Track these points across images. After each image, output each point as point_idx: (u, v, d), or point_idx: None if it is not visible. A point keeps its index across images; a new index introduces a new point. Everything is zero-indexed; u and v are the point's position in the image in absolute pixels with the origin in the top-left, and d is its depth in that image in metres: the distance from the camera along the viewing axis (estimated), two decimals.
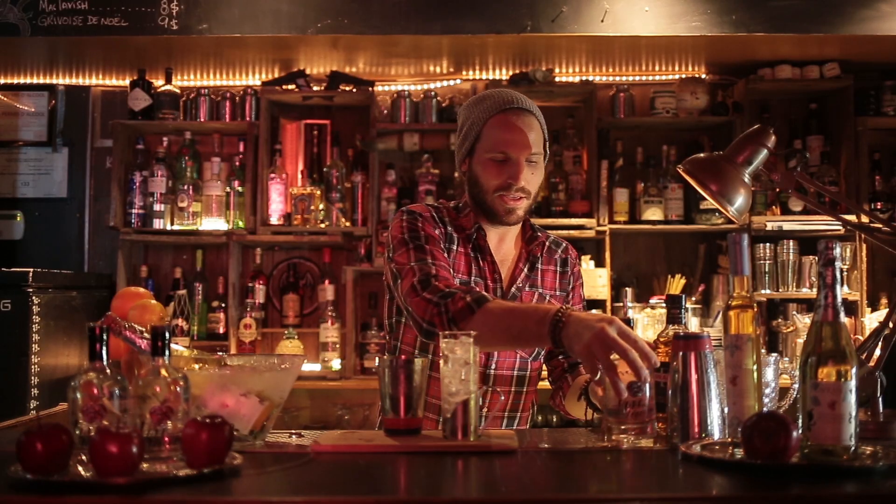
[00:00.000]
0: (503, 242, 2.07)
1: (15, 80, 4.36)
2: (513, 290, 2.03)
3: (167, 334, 1.44)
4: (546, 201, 4.12)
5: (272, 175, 4.09)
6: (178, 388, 1.40)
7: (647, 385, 1.60)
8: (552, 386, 2.13)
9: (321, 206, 4.07)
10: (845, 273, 3.97)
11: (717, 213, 3.93)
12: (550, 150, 4.08)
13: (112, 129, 4.16)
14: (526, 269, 2.05)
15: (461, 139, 2.03)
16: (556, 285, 2.10)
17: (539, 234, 2.12)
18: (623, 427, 1.60)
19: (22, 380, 3.44)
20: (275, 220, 4.08)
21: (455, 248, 1.99)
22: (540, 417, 3.92)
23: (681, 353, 1.56)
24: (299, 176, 4.24)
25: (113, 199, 4.10)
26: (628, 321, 1.67)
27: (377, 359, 1.74)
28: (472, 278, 1.99)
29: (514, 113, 1.96)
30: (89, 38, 3.74)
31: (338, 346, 4.00)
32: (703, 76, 4.24)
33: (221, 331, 4.09)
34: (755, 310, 1.56)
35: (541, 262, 2.08)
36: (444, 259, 1.92)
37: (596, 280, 3.95)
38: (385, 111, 4.22)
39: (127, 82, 4.22)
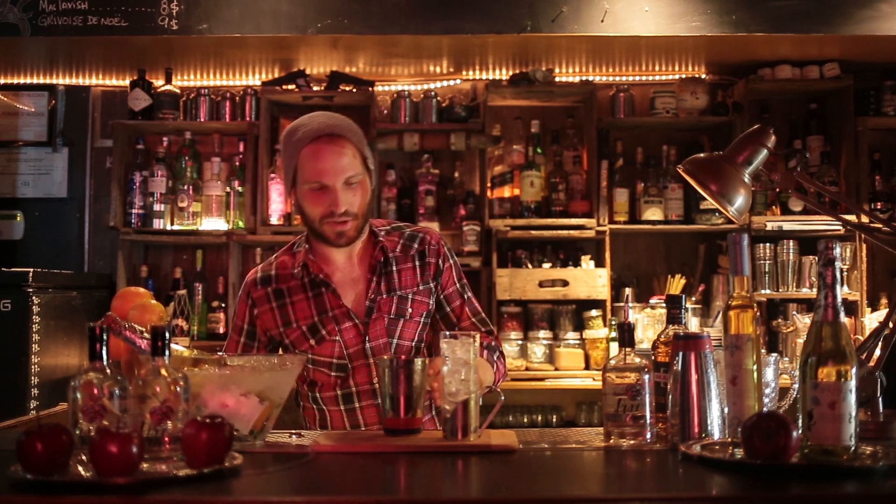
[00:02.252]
0: (351, 259, 2.08)
1: (15, 80, 4.36)
2: (367, 302, 2.04)
3: (167, 334, 1.44)
4: (546, 201, 4.12)
5: (272, 175, 4.09)
6: (178, 388, 1.41)
7: (647, 391, 1.60)
8: None
9: None
10: (845, 273, 3.97)
11: (717, 213, 3.93)
12: (550, 149, 4.15)
13: (112, 129, 4.15)
14: (375, 278, 2.05)
15: (284, 172, 2.09)
16: (418, 280, 2.08)
17: (387, 236, 2.11)
18: (621, 432, 1.60)
19: (22, 380, 3.44)
20: (275, 220, 4.08)
21: (291, 300, 2.05)
22: (540, 417, 3.93)
23: (681, 353, 1.56)
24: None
25: (113, 199, 4.10)
26: (629, 322, 1.67)
27: (378, 360, 1.74)
28: (316, 319, 2.03)
29: (323, 141, 1.96)
30: (89, 38, 3.74)
31: None
32: (703, 76, 4.24)
33: (221, 331, 4.09)
34: (755, 310, 1.56)
35: (395, 262, 2.08)
36: (231, 350, 2.10)
37: (596, 280, 3.96)
38: (385, 111, 4.22)
39: (127, 82, 4.22)
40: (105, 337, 1.44)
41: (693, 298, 4.03)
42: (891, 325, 1.85)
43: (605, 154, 4.16)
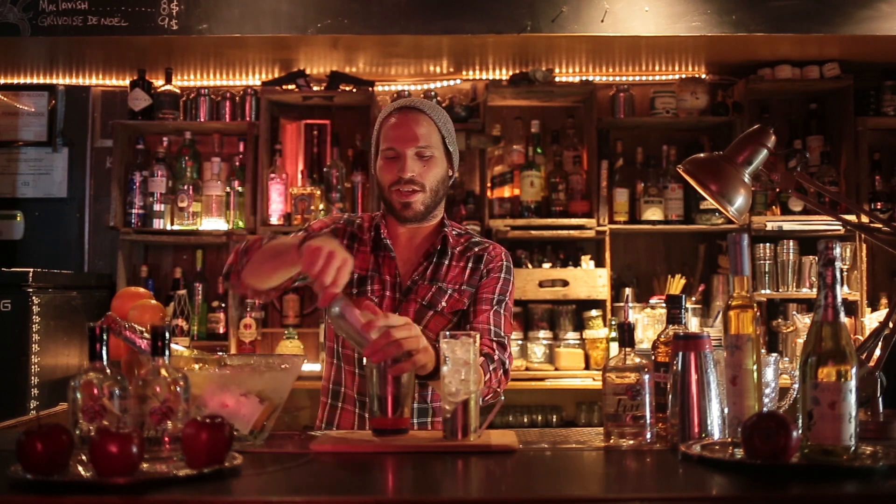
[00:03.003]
0: (413, 240, 2.14)
1: (15, 80, 4.36)
2: (409, 283, 2.08)
3: (167, 334, 1.44)
4: (546, 201, 4.12)
5: (272, 175, 4.09)
6: (178, 388, 1.41)
7: (647, 391, 1.60)
8: None
9: (321, 206, 4.07)
10: (845, 273, 3.97)
11: (717, 213, 3.93)
12: (550, 149, 4.15)
13: (112, 129, 4.16)
14: (425, 263, 2.09)
15: (372, 148, 2.16)
16: (464, 279, 2.08)
17: (455, 235, 2.16)
18: (621, 432, 1.60)
19: (22, 380, 3.44)
20: (275, 220, 4.08)
21: (359, 247, 2.13)
22: (540, 417, 3.92)
23: (681, 353, 1.56)
24: (299, 176, 4.24)
25: (113, 199, 4.10)
26: (629, 322, 1.67)
27: (366, 359, 1.75)
28: (370, 273, 2.09)
29: (403, 112, 2.08)
30: (89, 38, 3.74)
31: None
32: (703, 76, 4.24)
33: (221, 331, 4.09)
34: (755, 310, 1.56)
35: (449, 257, 2.11)
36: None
37: (596, 280, 3.96)
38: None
39: (127, 82, 4.22)
40: (105, 337, 1.44)
41: (693, 298, 4.03)
42: (891, 325, 1.85)
43: (605, 154, 4.16)
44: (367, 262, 2.11)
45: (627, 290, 4.07)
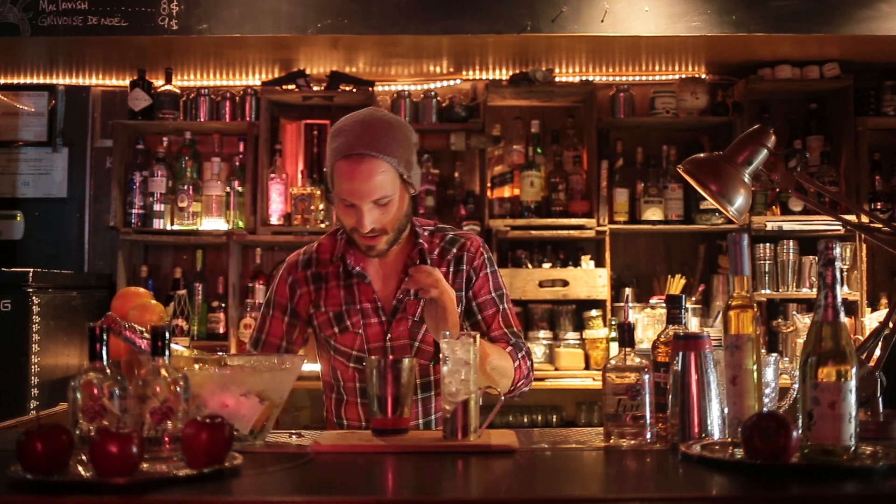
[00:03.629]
0: (387, 260, 2.08)
1: (15, 80, 4.35)
2: (394, 301, 2.04)
3: (167, 334, 1.44)
4: (546, 201, 4.12)
5: (272, 175, 4.09)
6: (178, 388, 1.41)
7: (647, 391, 1.60)
8: None
9: (321, 206, 4.06)
10: (845, 273, 3.97)
11: (717, 213, 3.93)
12: (550, 149, 4.15)
13: (112, 129, 4.15)
14: (407, 279, 2.00)
15: (327, 173, 2.03)
16: (451, 285, 2.02)
17: (429, 237, 2.10)
18: (621, 432, 1.60)
19: (22, 380, 3.43)
20: (275, 220, 4.08)
21: (325, 285, 2.07)
22: (540, 417, 3.92)
23: (681, 353, 1.56)
24: (299, 176, 4.24)
25: (113, 199, 4.10)
26: (629, 322, 1.67)
27: (366, 359, 1.75)
28: (343, 308, 2.05)
29: (354, 160, 1.90)
30: (89, 38, 3.74)
31: None
32: (703, 76, 4.24)
33: (221, 331, 4.09)
34: (755, 310, 1.56)
35: (429, 265, 2.03)
36: (277, 327, 2.11)
37: (596, 280, 3.96)
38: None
39: (127, 82, 4.22)
40: (105, 337, 1.44)
41: (693, 298, 4.03)
42: (891, 325, 1.85)
43: (605, 154, 4.16)
44: (339, 297, 2.06)
45: (627, 290, 4.07)
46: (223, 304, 4.11)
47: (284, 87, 4.15)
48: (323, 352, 2.13)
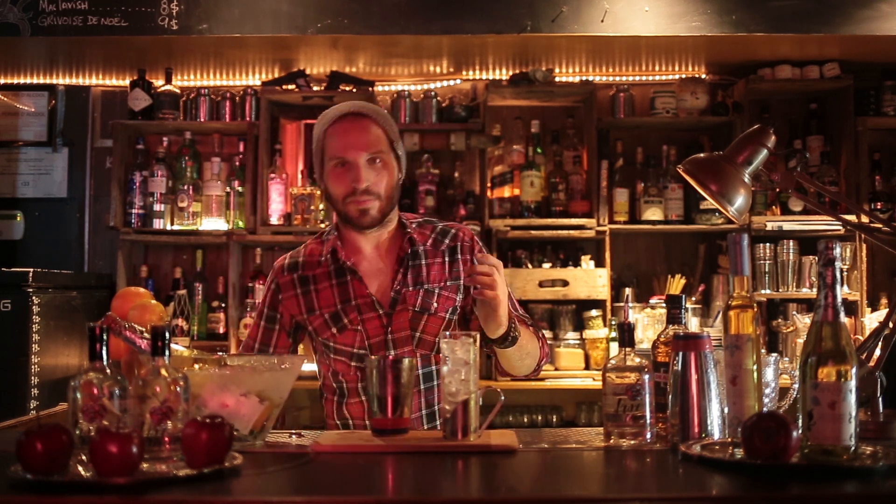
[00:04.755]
0: (379, 250, 2.09)
1: (15, 80, 4.36)
2: (391, 293, 2.04)
3: (167, 334, 1.44)
4: (546, 201, 4.12)
5: (272, 175, 4.09)
6: (178, 388, 1.41)
7: (647, 391, 1.60)
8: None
9: (321, 206, 4.07)
10: (845, 273, 3.97)
11: (717, 213, 3.93)
12: (550, 149, 4.15)
13: (112, 129, 4.15)
14: (402, 269, 2.05)
15: (314, 158, 2.10)
16: (446, 276, 2.07)
17: (418, 229, 2.11)
18: (621, 432, 1.60)
19: (22, 380, 3.43)
20: (275, 220, 4.08)
21: (316, 287, 2.06)
22: (540, 417, 3.92)
23: (681, 353, 1.56)
24: (299, 176, 4.24)
25: (113, 199, 4.10)
26: (629, 322, 1.67)
27: (366, 359, 1.75)
28: (339, 307, 2.04)
29: (348, 120, 2.00)
30: (89, 38, 3.74)
31: None
32: (703, 76, 4.24)
33: (221, 331, 4.09)
34: (755, 310, 1.56)
35: (424, 256, 2.07)
36: (262, 334, 2.10)
37: (596, 280, 3.96)
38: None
39: (127, 82, 4.22)
40: (105, 337, 1.44)
41: (693, 298, 4.03)
42: (891, 325, 1.85)
43: (605, 154, 4.16)
44: (332, 296, 2.05)
45: (627, 290, 4.07)
46: (223, 304, 4.11)
47: (284, 87, 4.15)
48: (321, 357, 2.12)
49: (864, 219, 3.20)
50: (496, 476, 1.41)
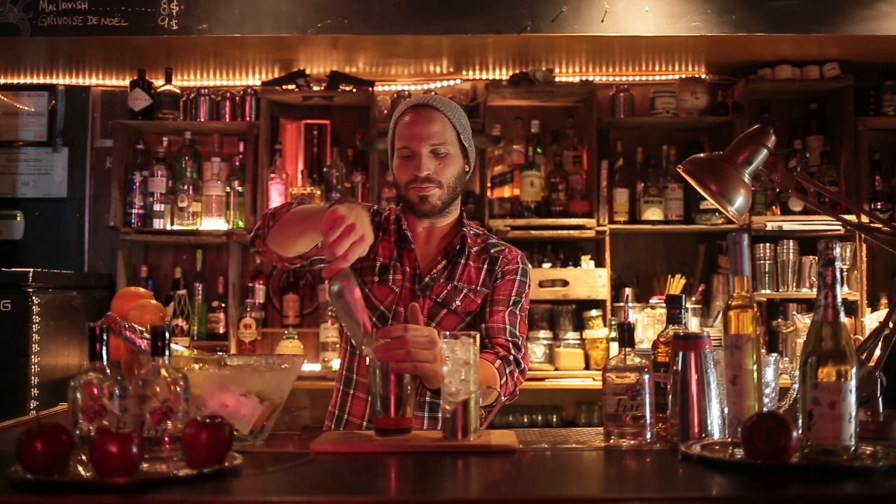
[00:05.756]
0: (431, 236, 2.16)
1: (15, 80, 4.36)
2: (427, 279, 2.09)
3: (167, 334, 1.44)
4: (546, 201, 4.12)
5: (272, 175, 4.09)
6: (178, 388, 1.41)
7: (647, 391, 1.60)
8: None
9: None
10: (845, 273, 3.97)
11: (717, 213, 3.93)
12: (550, 149, 4.15)
13: (112, 129, 4.16)
14: (444, 262, 2.10)
15: (388, 145, 2.17)
16: (479, 280, 2.10)
17: (473, 235, 2.17)
18: (621, 432, 1.60)
19: (22, 380, 3.44)
20: None
21: (382, 236, 2.14)
22: (540, 417, 3.92)
23: (681, 353, 1.56)
24: (299, 176, 4.24)
25: (113, 199, 4.10)
26: (629, 322, 1.67)
27: (367, 359, 1.74)
28: (392, 262, 2.11)
29: (416, 110, 2.08)
30: (89, 38, 3.74)
31: (338, 346, 4.00)
32: (703, 76, 4.24)
33: (221, 331, 4.09)
34: (755, 310, 1.56)
35: (466, 257, 2.12)
36: None
37: (596, 280, 3.96)
38: (385, 111, 4.22)
39: (127, 82, 4.22)
40: (105, 337, 1.44)
41: (693, 298, 4.03)
42: (891, 325, 1.85)
43: (605, 154, 4.16)
44: (391, 251, 2.12)
45: (627, 290, 4.07)
46: (223, 304, 4.11)
47: (284, 87, 4.15)
48: (346, 343, 2.14)
49: (864, 219, 3.20)
50: (496, 476, 1.41)
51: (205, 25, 3.67)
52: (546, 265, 4.07)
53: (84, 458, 1.31)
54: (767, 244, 3.97)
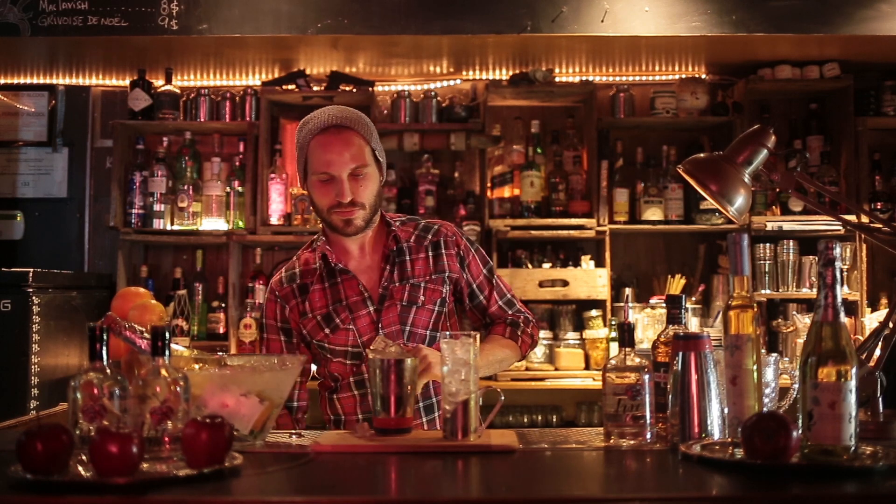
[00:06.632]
0: (364, 248, 2.14)
1: (15, 80, 4.35)
2: (380, 289, 2.08)
3: (167, 334, 1.44)
4: (546, 201, 4.12)
5: (272, 175, 4.09)
6: (178, 388, 1.41)
7: (647, 391, 1.60)
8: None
9: None
10: (845, 273, 3.97)
11: (717, 213, 3.93)
12: (550, 149, 4.15)
13: (112, 129, 4.15)
14: (388, 267, 2.10)
15: (297, 164, 2.14)
16: (431, 269, 2.12)
17: (401, 227, 2.16)
18: (621, 432, 1.60)
19: (22, 380, 3.43)
20: (275, 220, 4.08)
21: (307, 292, 2.11)
22: (540, 417, 3.92)
23: (681, 353, 1.56)
24: (299, 176, 4.23)
25: (113, 199, 4.10)
26: (629, 322, 1.67)
27: (367, 359, 1.75)
28: (330, 308, 2.08)
29: (331, 133, 2.04)
30: (89, 38, 3.74)
31: None
32: (703, 76, 4.24)
33: (221, 331, 4.09)
34: (755, 310, 1.56)
35: (409, 252, 2.12)
36: (277, 348, 2.14)
37: (596, 280, 3.95)
38: (385, 111, 4.22)
39: (127, 82, 4.22)
40: (105, 337, 1.44)
41: (693, 298, 4.03)
42: (891, 325, 1.85)
43: (605, 154, 4.15)
44: (324, 298, 2.10)
45: (627, 290, 4.07)
46: (223, 304, 4.11)
47: (284, 87, 4.15)
48: (319, 361, 2.15)
49: (864, 219, 3.20)
50: (496, 476, 1.41)
51: (205, 25, 3.67)
52: (546, 265, 4.07)
53: (84, 458, 1.31)
54: (767, 244, 3.97)
